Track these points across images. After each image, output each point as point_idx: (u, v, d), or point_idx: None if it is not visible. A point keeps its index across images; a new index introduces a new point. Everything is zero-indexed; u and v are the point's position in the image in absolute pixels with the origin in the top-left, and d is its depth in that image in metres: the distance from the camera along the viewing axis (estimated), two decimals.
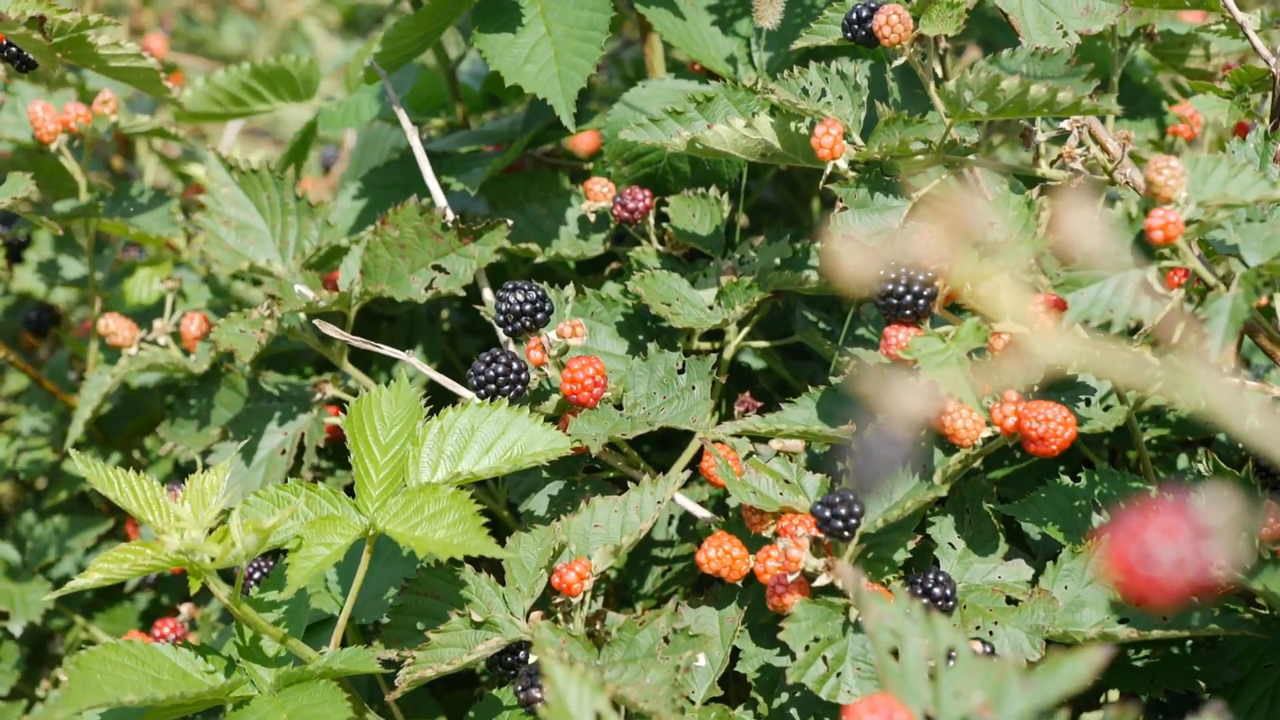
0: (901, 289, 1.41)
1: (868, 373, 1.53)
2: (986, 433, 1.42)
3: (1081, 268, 1.33)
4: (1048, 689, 0.95)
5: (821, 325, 1.79)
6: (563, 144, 2.27)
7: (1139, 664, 1.57)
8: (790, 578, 1.43)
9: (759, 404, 1.71)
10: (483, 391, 1.60)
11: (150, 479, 1.45)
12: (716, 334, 1.77)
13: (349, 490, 1.93)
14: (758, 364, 2.01)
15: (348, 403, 1.85)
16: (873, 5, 1.55)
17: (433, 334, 2.14)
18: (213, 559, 1.36)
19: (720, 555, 1.49)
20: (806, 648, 1.40)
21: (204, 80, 2.13)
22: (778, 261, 1.72)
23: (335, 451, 1.99)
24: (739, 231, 1.89)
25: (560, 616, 1.50)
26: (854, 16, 1.56)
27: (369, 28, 4.05)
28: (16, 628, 2.05)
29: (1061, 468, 1.67)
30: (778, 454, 1.57)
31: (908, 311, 1.42)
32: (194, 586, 1.40)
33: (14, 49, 1.78)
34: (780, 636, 1.41)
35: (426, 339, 2.14)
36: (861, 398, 1.52)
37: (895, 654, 1.04)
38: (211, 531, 1.40)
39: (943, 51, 1.65)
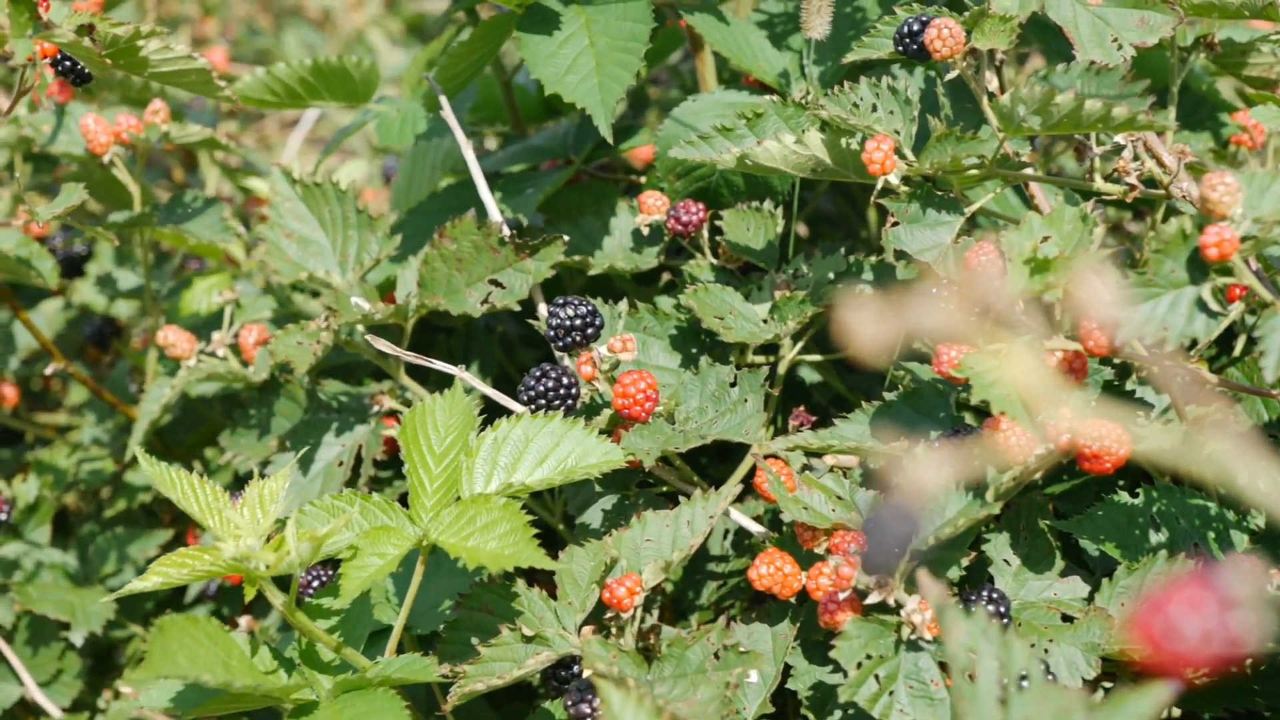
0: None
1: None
2: (1040, 449, 1.41)
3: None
4: None
5: None
6: (619, 155, 2.27)
7: (1198, 683, 1.55)
8: (842, 595, 1.42)
9: (814, 418, 1.71)
10: (533, 406, 1.60)
11: (213, 484, 1.46)
12: (771, 347, 1.77)
13: (403, 500, 1.94)
14: (813, 377, 2.01)
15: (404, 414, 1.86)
16: (924, 19, 1.54)
17: (489, 346, 2.14)
18: (267, 566, 1.37)
19: (772, 572, 1.49)
20: (858, 665, 1.40)
21: (264, 70, 2.13)
22: (831, 275, 1.72)
23: (392, 463, 2.00)
24: (795, 243, 1.89)
25: (611, 630, 1.50)
26: (906, 30, 1.55)
27: (432, 36, 4.06)
28: (78, 637, 2.07)
29: (1120, 483, 1.66)
30: (831, 469, 1.56)
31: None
32: (249, 593, 1.41)
33: (68, 63, 1.80)
34: (832, 654, 1.40)
35: (483, 351, 2.14)
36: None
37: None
38: (269, 540, 1.41)
39: (999, 63, 1.64)
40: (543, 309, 1.82)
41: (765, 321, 1.70)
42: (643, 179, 2.10)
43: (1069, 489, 1.71)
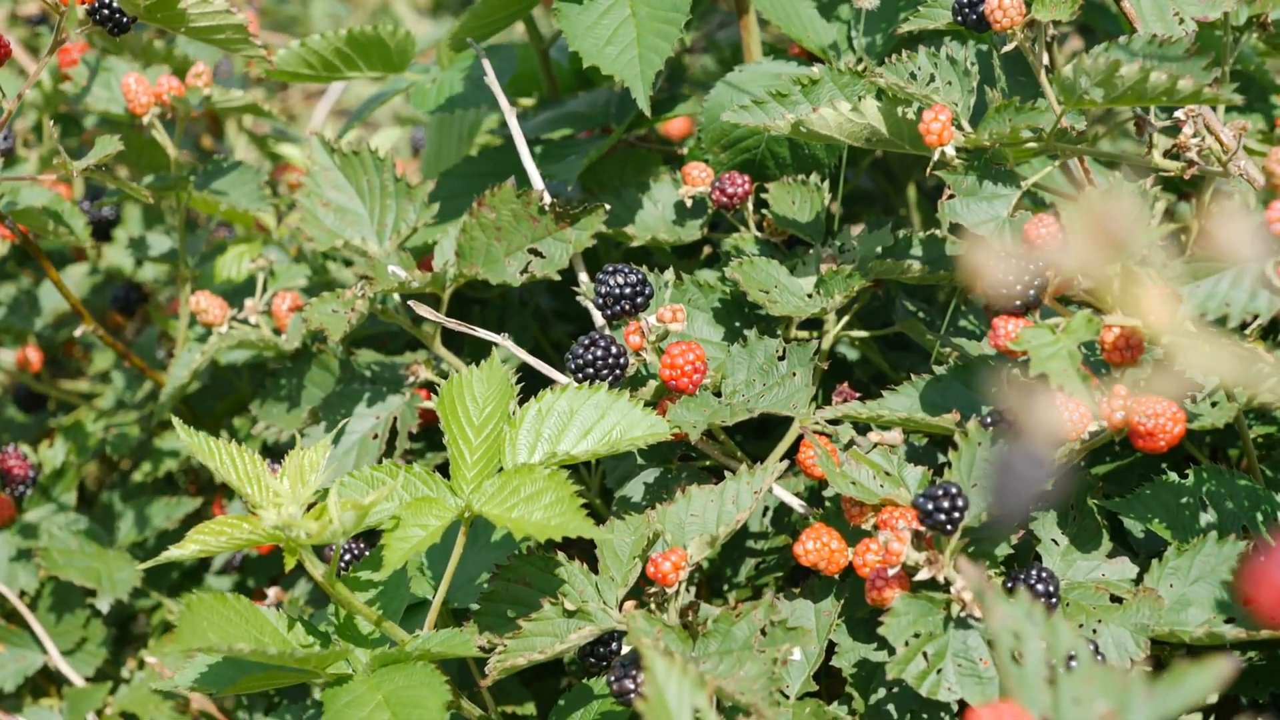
0: (1011, 278, 1.38)
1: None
2: (1093, 427, 1.39)
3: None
4: (1172, 700, 0.92)
5: (921, 315, 1.76)
6: (655, 128, 2.25)
7: (1243, 665, 1.53)
8: (891, 571, 1.40)
9: (857, 394, 1.68)
10: (580, 375, 1.58)
11: (251, 452, 1.44)
12: (814, 323, 1.74)
13: (441, 471, 1.93)
14: (853, 354, 1.99)
15: (440, 386, 1.84)
16: None
17: (524, 318, 2.12)
18: (309, 535, 1.35)
19: (818, 548, 1.46)
20: (906, 643, 1.38)
21: (298, 43, 2.10)
22: (879, 250, 1.70)
23: (425, 434, 1.97)
24: (835, 220, 1.86)
25: (653, 606, 1.48)
26: (965, 0, 1.53)
27: (459, 7, 4.03)
28: (104, 604, 2.04)
29: (1164, 464, 1.64)
30: (875, 445, 1.54)
31: (1017, 303, 1.39)
32: (289, 563, 1.39)
33: (106, 10, 1.78)
34: (880, 631, 1.38)
35: (518, 323, 2.12)
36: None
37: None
38: (308, 510, 1.39)
39: (1050, 38, 1.61)
40: (585, 278, 1.80)
41: (810, 296, 1.68)
42: (683, 151, 2.08)
43: (1114, 469, 1.69)
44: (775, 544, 1.74)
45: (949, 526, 1.37)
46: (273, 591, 1.89)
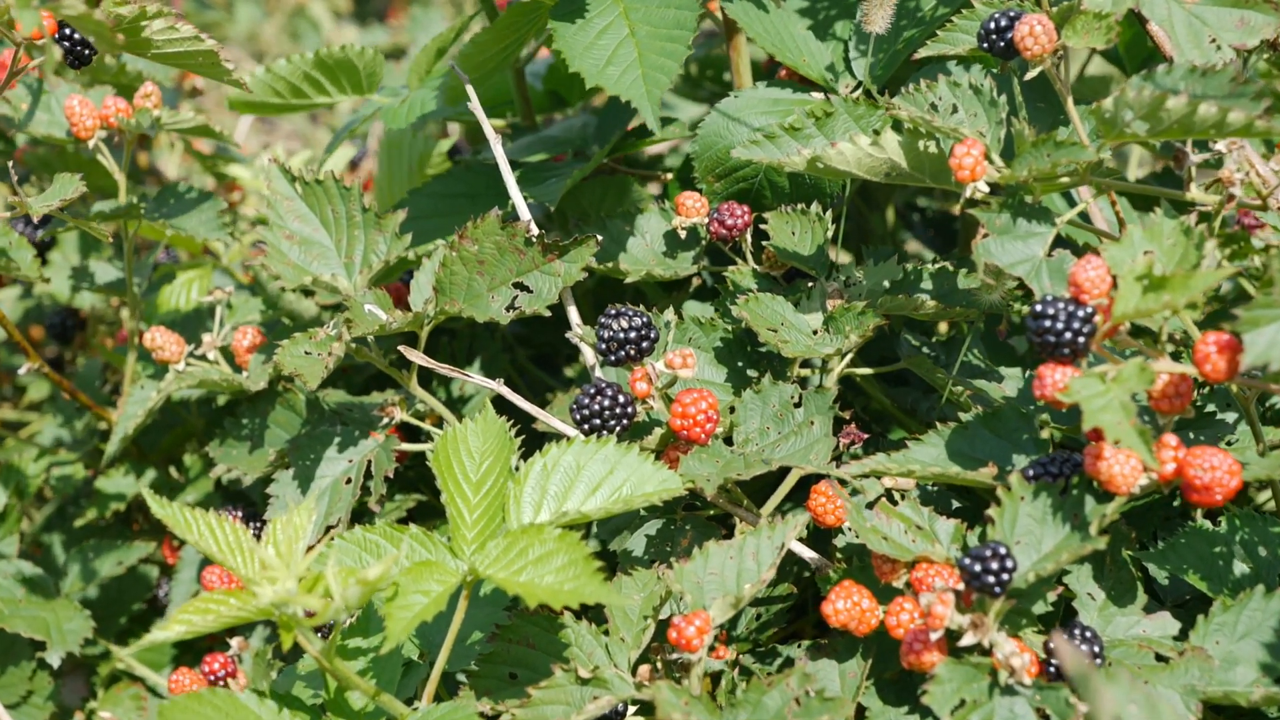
0: (1060, 325, 1.30)
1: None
2: (1144, 480, 1.31)
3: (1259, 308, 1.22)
4: None
5: (925, 350, 1.68)
6: (640, 149, 2.15)
7: None
8: (933, 636, 1.32)
9: (865, 435, 1.60)
10: (586, 427, 1.49)
11: (232, 522, 1.34)
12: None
13: (412, 517, 1.83)
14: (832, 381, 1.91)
15: (414, 426, 1.74)
16: (1011, 14, 1.44)
17: (494, 349, 2.03)
18: (310, 614, 1.26)
19: (849, 607, 1.38)
20: (952, 712, 1.30)
21: (264, 69, 2.00)
22: (886, 284, 1.62)
23: (393, 476, 1.87)
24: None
25: (659, 665, 1.40)
26: (992, 26, 1.45)
27: (387, 12, 3.92)
28: (54, 658, 1.91)
29: (1175, 503, 1.57)
30: (888, 491, 1.46)
31: (1065, 350, 1.30)
32: (286, 642, 1.29)
33: (69, 41, 1.67)
34: (924, 700, 1.29)
35: (489, 354, 2.02)
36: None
37: None
38: (299, 580, 1.29)
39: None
40: (575, 316, 1.70)
41: (816, 332, 1.60)
42: (667, 176, 1.99)
43: (1131, 509, 1.61)
44: (779, 592, 1.65)
45: (997, 589, 1.29)
46: (235, 642, 1.78)
